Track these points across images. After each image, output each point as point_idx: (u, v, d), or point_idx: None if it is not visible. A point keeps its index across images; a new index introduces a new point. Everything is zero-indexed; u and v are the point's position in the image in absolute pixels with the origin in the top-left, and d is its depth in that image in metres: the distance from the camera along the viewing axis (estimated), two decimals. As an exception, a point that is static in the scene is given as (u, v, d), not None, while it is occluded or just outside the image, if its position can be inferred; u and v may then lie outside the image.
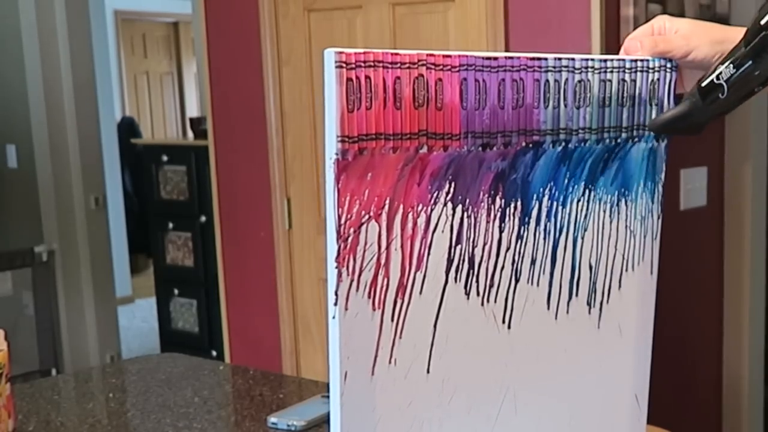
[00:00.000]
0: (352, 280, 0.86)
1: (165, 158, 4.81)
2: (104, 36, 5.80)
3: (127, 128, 7.63)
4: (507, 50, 2.55)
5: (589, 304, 1.06)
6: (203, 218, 4.65)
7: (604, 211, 1.05)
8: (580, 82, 1.00)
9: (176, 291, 4.87)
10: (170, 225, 4.83)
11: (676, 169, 2.75)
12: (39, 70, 4.72)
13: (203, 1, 3.35)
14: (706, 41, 0.96)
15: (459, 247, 0.93)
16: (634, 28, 1.10)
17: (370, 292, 0.87)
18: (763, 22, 0.92)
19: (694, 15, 3.08)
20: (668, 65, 1.06)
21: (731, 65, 0.96)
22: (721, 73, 0.98)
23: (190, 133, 5.86)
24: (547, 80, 0.97)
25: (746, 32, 0.95)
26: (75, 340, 4.87)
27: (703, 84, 1.00)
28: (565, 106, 1.00)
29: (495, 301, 0.97)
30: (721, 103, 0.99)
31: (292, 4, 3.07)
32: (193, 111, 8.83)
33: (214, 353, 4.59)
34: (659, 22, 0.92)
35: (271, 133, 3.18)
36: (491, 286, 0.97)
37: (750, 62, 0.94)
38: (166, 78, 9.24)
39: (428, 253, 0.91)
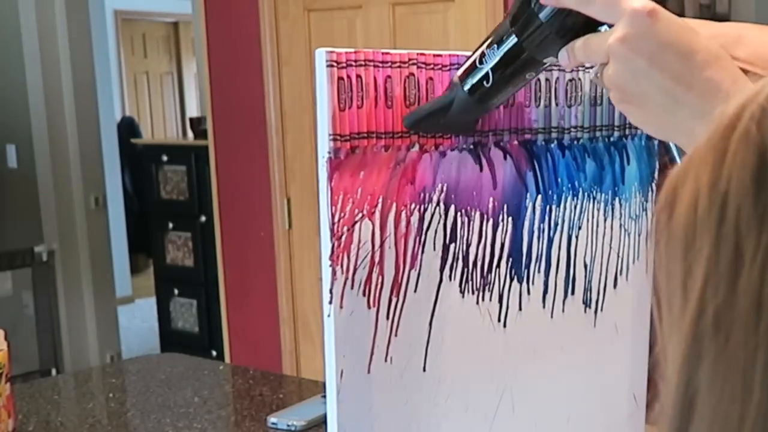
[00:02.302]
0: (346, 279, 0.86)
1: (165, 158, 4.81)
2: (104, 36, 5.79)
3: (127, 128, 7.63)
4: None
5: (584, 303, 1.06)
6: (203, 218, 4.65)
7: (598, 210, 1.05)
8: (571, 80, 1.01)
9: (176, 291, 4.87)
10: (170, 225, 4.83)
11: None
12: (39, 70, 4.72)
13: (203, 1, 3.36)
14: None
15: (453, 245, 0.94)
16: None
17: (364, 291, 0.87)
18: None
19: (693, 15, 3.08)
20: None
21: (495, 46, 0.82)
22: (484, 56, 0.84)
23: (190, 133, 5.86)
24: (538, 79, 0.98)
25: (511, 5, 0.82)
26: (75, 340, 4.87)
27: (463, 70, 0.86)
28: (557, 104, 1.00)
29: (490, 300, 0.98)
30: (487, 93, 0.85)
31: (292, 4, 3.07)
32: (193, 111, 8.83)
33: (214, 353, 4.59)
34: None
35: (271, 133, 3.18)
36: (486, 284, 0.97)
37: (514, 38, 0.80)
38: (166, 78, 9.23)
39: (422, 252, 0.91)
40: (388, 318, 0.90)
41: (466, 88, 0.85)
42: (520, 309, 1.00)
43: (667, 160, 0.82)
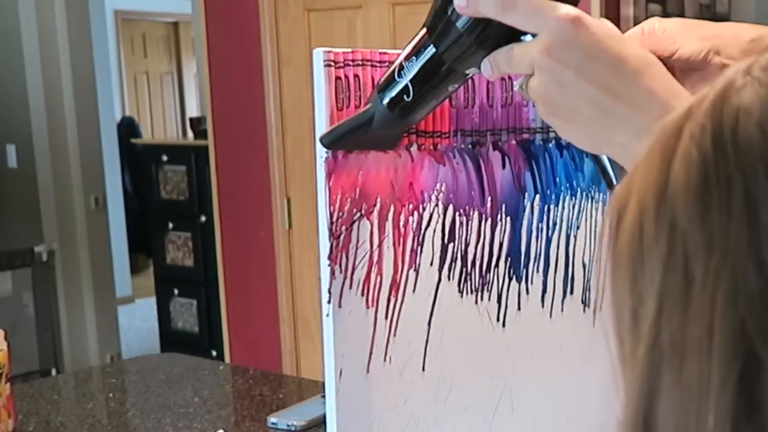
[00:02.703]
0: (345, 278, 0.86)
1: (165, 158, 4.81)
2: (104, 36, 5.79)
3: (127, 128, 7.63)
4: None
5: (583, 302, 1.06)
6: (203, 218, 4.65)
7: (597, 209, 1.05)
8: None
9: (176, 291, 4.87)
10: (170, 225, 4.83)
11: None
12: (39, 70, 4.72)
13: (203, 1, 3.36)
14: (693, 38, 0.89)
15: (452, 245, 0.94)
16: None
17: (363, 290, 0.87)
18: None
19: (693, 15, 3.08)
20: None
21: (414, 57, 0.77)
22: (402, 68, 0.78)
23: (190, 133, 5.86)
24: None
25: (428, 13, 0.77)
26: (75, 340, 4.87)
27: (381, 84, 0.81)
28: None
29: (489, 300, 0.98)
30: (408, 107, 0.79)
31: (292, 4, 3.07)
32: (193, 111, 8.83)
33: (214, 353, 4.59)
34: (649, 23, 0.91)
35: (271, 133, 3.18)
36: (484, 284, 0.97)
37: (432, 49, 0.75)
38: (166, 78, 9.23)
39: (421, 251, 0.91)
40: (387, 318, 0.90)
41: (385, 102, 0.80)
42: (519, 308, 1.00)
43: (605, 182, 0.78)
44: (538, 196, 1.00)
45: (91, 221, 4.89)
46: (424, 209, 0.91)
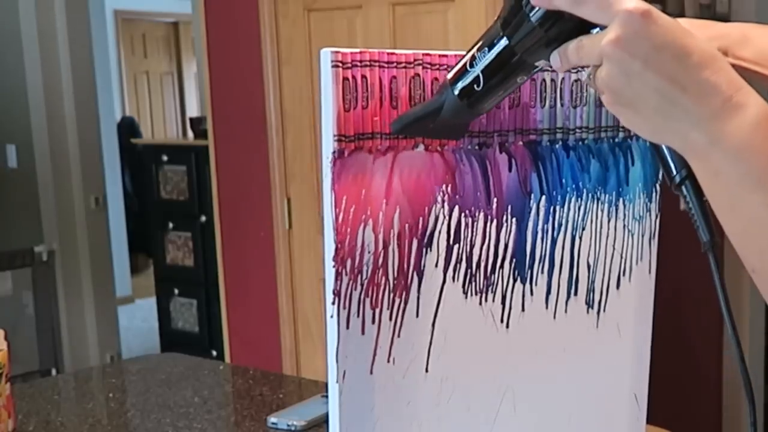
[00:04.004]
0: (349, 280, 0.86)
1: (165, 158, 4.81)
2: (104, 36, 5.80)
3: (128, 128, 7.64)
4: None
5: (587, 303, 1.06)
6: (203, 218, 4.65)
7: (602, 211, 1.05)
8: (576, 81, 1.00)
9: (176, 291, 4.87)
10: (170, 225, 4.83)
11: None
12: (39, 70, 4.72)
13: (203, 1, 3.35)
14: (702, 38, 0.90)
15: (457, 246, 0.93)
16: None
17: (367, 291, 0.87)
18: None
19: (693, 15, 3.08)
20: None
21: (486, 48, 0.80)
22: (475, 59, 0.81)
23: (190, 133, 5.86)
24: (544, 79, 0.98)
25: (502, 9, 0.80)
26: (75, 340, 4.87)
27: (453, 74, 0.84)
28: (562, 105, 1.00)
29: (493, 301, 0.97)
30: (478, 96, 0.82)
31: (292, 4, 3.07)
32: (193, 111, 8.83)
33: (214, 353, 4.59)
34: None
35: (271, 133, 3.18)
36: (489, 285, 0.97)
37: (504, 41, 0.78)
38: (166, 78, 9.24)
39: (426, 253, 0.91)
40: (390, 319, 0.89)
41: (456, 91, 0.83)
42: (523, 310, 1.00)
43: (664, 171, 0.80)
44: (544, 197, 1.00)
45: (91, 221, 4.90)
46: (429, 210, 0.91)
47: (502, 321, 0.99)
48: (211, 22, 3.34)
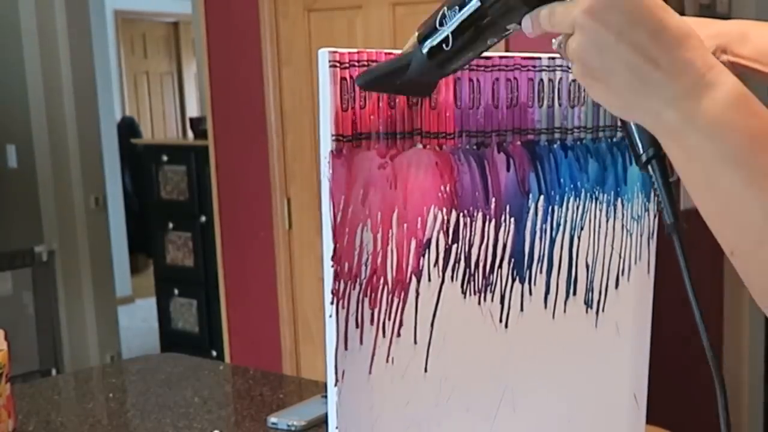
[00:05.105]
0: (348, 279, 0.86)
1: (165, 158, 4.81)
2: (104, 36, 5.79)
3: (128, 128, 7.64)
4: (506, 50, 2.54)
5: (586, 303, 1.06)
6: (203, 218, 4.65)
7: (601, 210, 1.05)
8: (574, 81, 1.00)
9: (176, 291, 4.87)
10: (170, 225, 4.83)
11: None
12: (39, 70, 4.72)
13: (203, 1, 3.36)
14: (701, 36, 0.89)
15: (455, 246, 0.93)
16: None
17: (366, 291, 0.87)
18: None
19: (693, 14, 3.08)
20: None
21: (456, 7, 0.78)
22: (444, 17, 0.79)
23: (190, 133, 5.86)
24: (541, 79, 0.97)
25: None
26: (75, 340, 4.87)
27: (422, 31, 0.82)
28: (560, 105, 1.00)
29: (492, 301, 0.97)
30: (447, 56, 0.80)
31: (292, 4, 3.07)
32: (193, 111, 8.83)
33: (214, 353, 4.59)
34: None
35: (271, 133, 3.18)
36: (488, 285, 0.97)
37: (476, 1, 0.76)
38: (166, 78, 9.24)
39: (424, 252, 0.91)
40: (389, 319, 0.89)
41: (425, 50, 0.81)
42: (522, 310, 1.00)
43: (632, 151, 0.77)
44: (542, 197, 1.00)
45: (91, 221, 4.90)
46: (428, 210, 0.91)
47: (501, 321, 0.99)
48: (211, 22, 3.34)
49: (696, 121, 0.68)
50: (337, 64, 0.83)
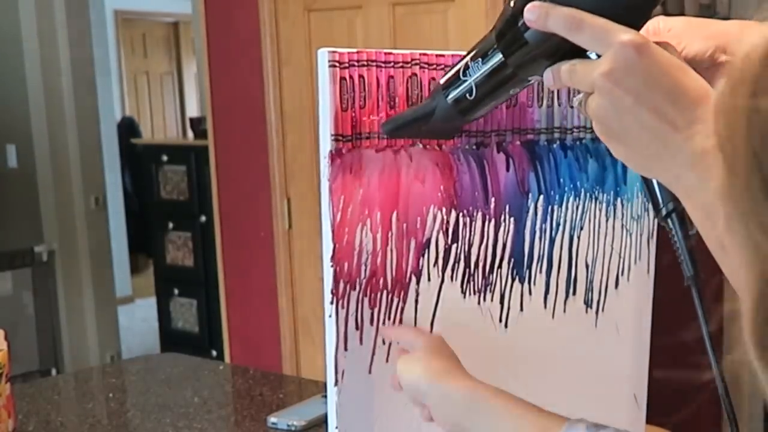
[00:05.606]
0: (348, 279, 0.86)
1: (165, 158, 4.81)
2: (104, 36, 5.79)
3: (127, 128, 7.63)
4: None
5: (586, 303, 1.06)
6: (203, 218, 4.65)
7: (600, 210, 1.05)
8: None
9: (176, 291, 4.87)
10: (170, 225, 4.83)
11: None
12: (39, 70, 4.72)
13: (203, 1, 3.35)
14: (699, 37, 0.88)
15: (455, 246, 0.93)
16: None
17: (366, 291, 0.87)
18: (512, 2, 0.77)
19: (693, 15, 3.08)
20: None
21: (480, 59, 0.81)
22: (468, 68, 0.82)
23: (190, 133, 5.86)
24: (541, 79, 0.97)
25: (498, 19, 0.80)
26: (75, 340, 4.87)
27: (446, 80, 0.85)
28: (559, 104, 1.00)
29: (491, 300, 0.97)
30: (470, 105, 0.84)
31: (292, 4, 3.07)
32: (193, 111, 8.82)
33: (214, 353, 4.59)
34: (654, 23, 0.91)
35: (271, 133, 3.18)
36: (487, 285, 0.97)
37: (499, 55, 0.79)
38: (166, 78, 9.23)
39: (423, 252, 0.91)
40: (389, 318, 0.90)
41: (449, 98, 0.84)
42: (522, 309, 1.00)
43: (652, 203, 0.78)
44: (541, 196, 1.00)
45: (91, 221, 4.89)
46: (427, 210, 0.91)
47: (500, 320, 0.99)
48: (211, 22, 3.34)
49: (712, 182, 0.68)
50: (337, 64, 0.83)
